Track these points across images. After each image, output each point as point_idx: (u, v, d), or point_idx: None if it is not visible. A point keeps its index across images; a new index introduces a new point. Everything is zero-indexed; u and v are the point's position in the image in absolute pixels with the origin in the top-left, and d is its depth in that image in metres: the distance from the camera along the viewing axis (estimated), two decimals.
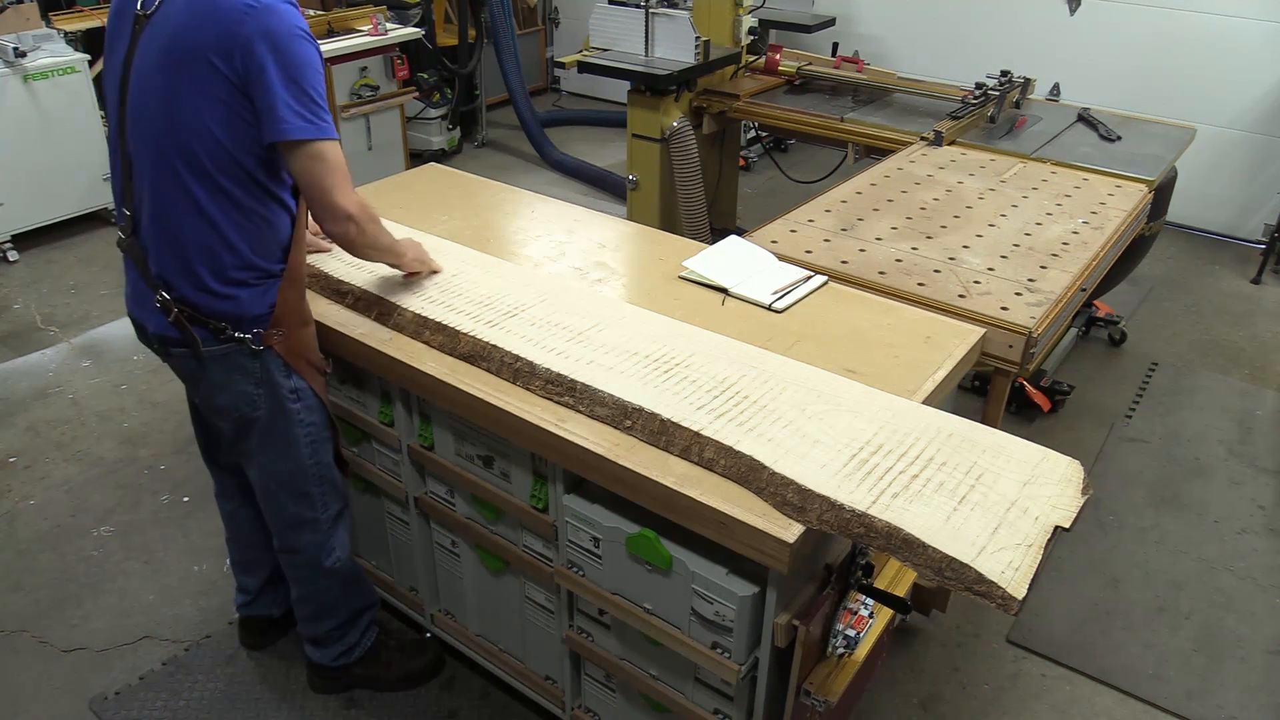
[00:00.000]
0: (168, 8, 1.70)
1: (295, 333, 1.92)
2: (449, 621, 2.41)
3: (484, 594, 2.26)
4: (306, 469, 2.04)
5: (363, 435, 2.30)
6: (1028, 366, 2.16)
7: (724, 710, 1.79)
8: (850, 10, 6.08)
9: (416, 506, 2.26)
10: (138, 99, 1.74)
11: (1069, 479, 1.58)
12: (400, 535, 2.40)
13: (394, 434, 2.17)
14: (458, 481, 2.10)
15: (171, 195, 1.74)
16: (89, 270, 4.69)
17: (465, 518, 2.15)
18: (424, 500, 2.23)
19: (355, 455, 2.36)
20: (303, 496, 2.07)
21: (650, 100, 3.97)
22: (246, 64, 1.64)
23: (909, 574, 1.98)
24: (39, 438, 3.45)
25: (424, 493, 2.24)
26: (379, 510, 2.42)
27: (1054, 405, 3.66)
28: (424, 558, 2.35)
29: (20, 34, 4.61)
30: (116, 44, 1.78)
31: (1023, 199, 2.87)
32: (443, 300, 2.07)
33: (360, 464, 2.35)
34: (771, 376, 1.80)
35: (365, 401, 2.23)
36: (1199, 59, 5.08)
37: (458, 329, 1.95)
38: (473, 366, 1.91)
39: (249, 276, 1.82)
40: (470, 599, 2.30)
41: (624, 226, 2.67)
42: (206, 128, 1.68)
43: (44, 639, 2.62)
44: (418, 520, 2.29)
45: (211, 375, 1.90)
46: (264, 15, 1.65)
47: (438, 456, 2.11)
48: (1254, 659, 2.62)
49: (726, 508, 1.53)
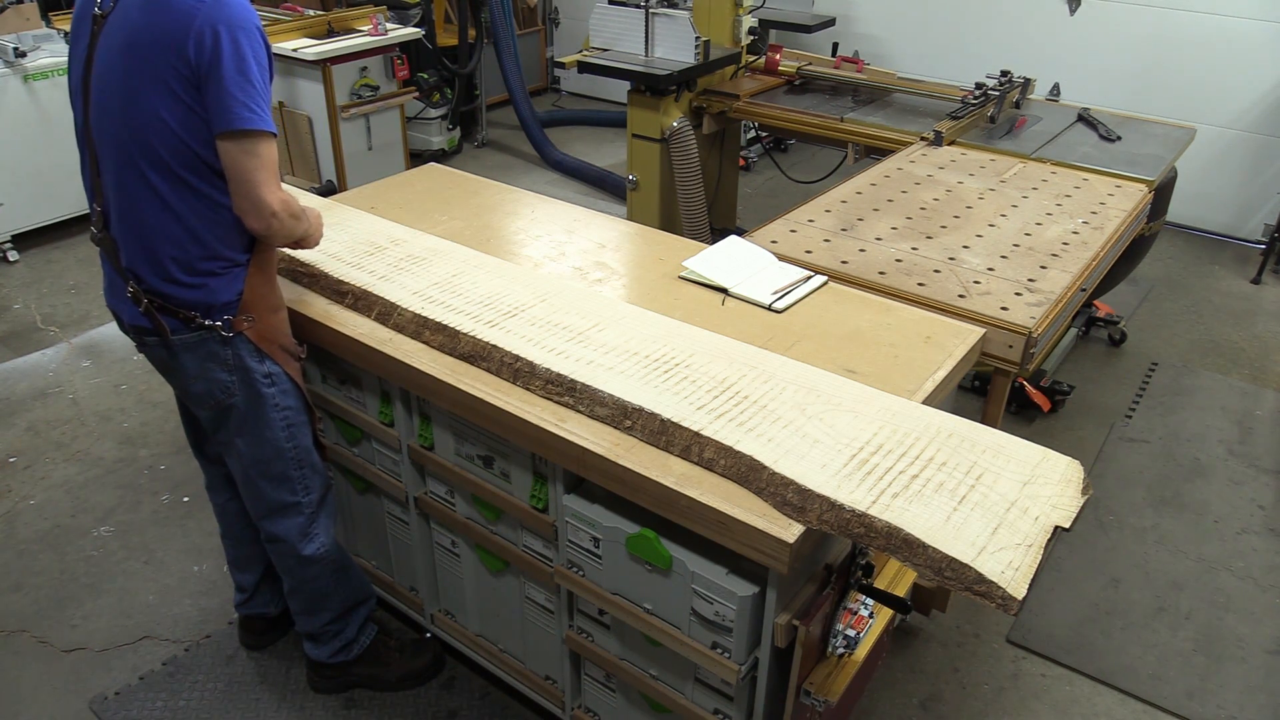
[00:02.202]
0: (124, 6, 1.74)
1: (265, 319, 1.94)
2: (449, 621, 2.41)
3: (484, 594, 2.26)
4: (284, 452, 2.06)
5: (362, 435, 2.30)
6: (1028, 366, 2.16)
7: (724, 710, 1.79)
8: (850, 10, 6.08)
9: (416, 506, 2.26)
10: (99, 96, 1.78)
11: (1069, 479, 1.58)
12: (400, 535, 2.40)
13: (394, 434, 2.17)
14: (458, 481, 2.10)
15: (135, 189, 1.78)
16: (89, 270, 4.69)
17: (465, 518, 2.15)
18: (424, 500, 2.23)
19: (355, 455, 2.36)
20: (282, 481, 2.09)
21: (650, 100, 3.97)
22: (198, 57, 1.68)
23: (909, 574, 1.98)
24: (39, 438, 3.45)
25: (424, 493, 2.24)
26: (379, 510, 2.42)
27: (1054, 405, 3.66)
28: (424, 558, 2.35)
29: (20, 34, 4.61)
30: (77, 44, 1.83)
31: (1023, 199, 2.87)
32: (442, 300, 2.07)
33: (360, 464, 2.35)
34: (772, 376, 1.81)
35: (365, 401, 2.23)
36: (1199, 59, 5.09)
37: (458, 329, 1.95)
38: (473, 366, 1.91)
39: (216, 266, 1.85)
40: (470, 599, 2.30)
41: (624, 226, 2.67)
42: (163, 121, 1.72)
43: (44, 639, 2.62)
44: (418, 520, 2.29)
45: (184, 364, 1.93)
46: (216, 9, 1.69)
47: (438, 456, 2.11)
48: (1254, 659, 2.62)
49: (726, 508, 1.53)
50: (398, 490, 2.27)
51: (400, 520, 2.36)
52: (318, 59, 4.77)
